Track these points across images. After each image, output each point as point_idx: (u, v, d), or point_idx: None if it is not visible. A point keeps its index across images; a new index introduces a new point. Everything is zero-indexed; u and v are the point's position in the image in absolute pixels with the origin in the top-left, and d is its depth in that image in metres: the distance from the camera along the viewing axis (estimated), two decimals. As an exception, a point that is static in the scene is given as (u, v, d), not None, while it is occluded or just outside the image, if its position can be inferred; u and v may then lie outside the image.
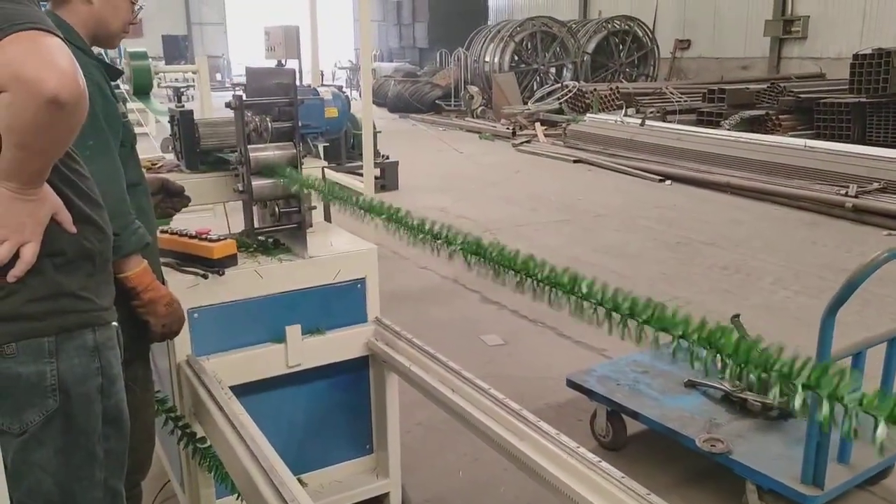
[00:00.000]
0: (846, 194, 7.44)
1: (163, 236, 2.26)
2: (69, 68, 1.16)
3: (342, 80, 23.57)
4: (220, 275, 2.20)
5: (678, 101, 13.14)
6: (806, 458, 2.53)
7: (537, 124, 13.85)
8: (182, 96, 2.81)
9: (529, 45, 17.99)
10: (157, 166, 2.59)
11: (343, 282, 2.43)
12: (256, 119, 2.40)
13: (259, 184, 2.34)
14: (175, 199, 2.25)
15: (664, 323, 1.05)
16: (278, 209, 2.41)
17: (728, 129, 10.75)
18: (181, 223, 2.54)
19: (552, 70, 18.17)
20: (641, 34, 18.80)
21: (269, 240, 2.46)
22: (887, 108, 10.07)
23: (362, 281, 2.47)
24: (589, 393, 3.29)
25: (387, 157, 9.18)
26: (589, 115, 13.03)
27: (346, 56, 28.27)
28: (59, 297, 1.34)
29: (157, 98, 6.71)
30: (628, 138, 10.93)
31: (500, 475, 2.95)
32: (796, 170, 8.37)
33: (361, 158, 4.91)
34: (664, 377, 3.33)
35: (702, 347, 1.02)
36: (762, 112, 11.42)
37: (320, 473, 2.59)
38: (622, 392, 3.23)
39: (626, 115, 12.23)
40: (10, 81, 1.13)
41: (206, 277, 2.18)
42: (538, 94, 15.83)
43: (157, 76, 5.97)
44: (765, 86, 12.42)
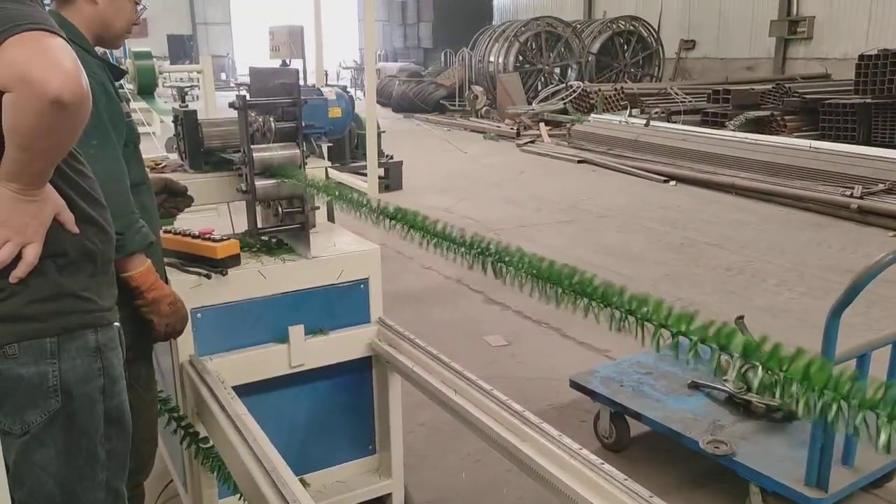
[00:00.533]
0: (851, 195, 7.42)
1: (166, 236, 2.26)
2: (73, 69, 1.16)
3: (346, 80, 23.61)
4: (224, 275, 2.20)
5: (683, 102, 13.12)
6: (810, 461, 2.52)
7: (541, 124, 13.85)
8: (186, 96, 2.81)
9: (534, 46, 17.98)
10: (160, 166, 2.59)
11: (346, 282, 2.43)
12: (260, 119, 2.40)
13: (262, 184, 2.34)
14: (178, 199, 2.25)
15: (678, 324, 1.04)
16: (281, 209, 2.41)
17: (733, 130, 10.73)
18: (185, 223, 2.54)
19: (556, 70, 18.16)
20: (646, 34, 18.78)
21: (273, 240, 2.46)
22: (893, 109, 10.03)
23: (365, 281, 2.47)
24: (592, 394, 3.28)
25: (391, 157, 9.19)
26: (593, 115, 13.01)
27: (350, 56, 28.30)
28: (61, 298, 1.34)
29: (161, 98, 6.72)
30: (633, 139, 10.91)
31: (502, 476, 2.95)
32: (801, 171, 8.34)
33: (365, 158, 4.91)
34: (668, 378, 3.32)
35: (709, 346, 1.02)
36: (767, 113, 11.40)
37: (323, 474, 2.59)
38: (625, 393, 3.22)
39: (630, 115, 12.22)
40: (14, 82, 1.13)
41: (210, 277, 2.18)
42: (542, 95, 15.81)
43: (161, 76, 5.97)
44: (770, 86, 12.39)
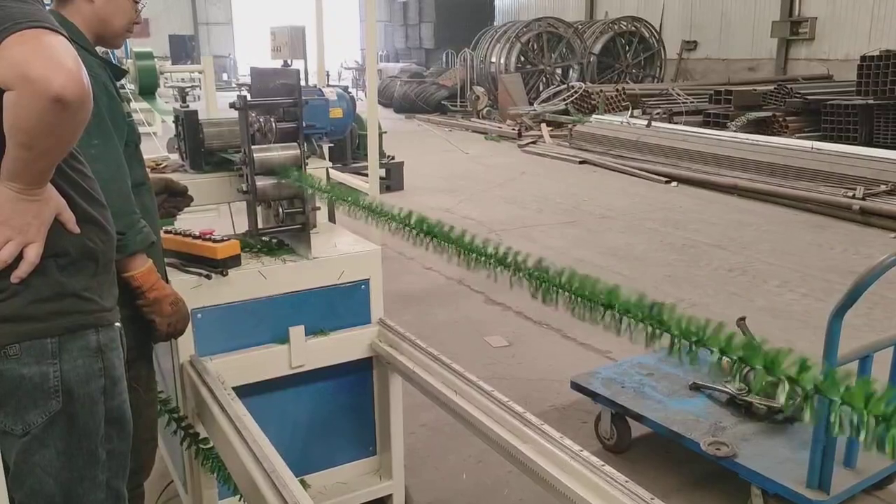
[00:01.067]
0: (853, 196, 7.41)
1: (167, 236, 2.26)
2: (74, 67, 1.16)
3: (348, 81, 23.59)
4: (224, 275, 2.20)
5: (684, 103, 13.10)
6: (812, 463, 2.52)
7: (543, 125, 13.84)
8: (187, 96, 2.81)
9: (535, 46, 17.98)
10: (161, 166, 2.59)
11: (347, 283, 2.42)
12: (261, 119, 2.40)
13: (263, 184, 2.34)
14: (177, 199, 2.25)
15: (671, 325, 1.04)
16: (282, 210, 2.41)
17: (734, 131, 10.71)
18: (185, 223, 2.54)
19: (558, 71, 18.16)
20: (648, 35, 18.77)
21: (273, 240, 2.46)
22: (895, 110, 10.02)
23: (366, 282, 2.46)
24: (593, 395, 3.28)
25: (392, 157, 9.18)
26: (595, 116, 13.00)
27: (352, 56, 28.30)
28: (63, 298, 1.34)
29: (162, 98, 6.72)
30: (634, 139, 10.90)
31: (504, 478, 2.94)
32: (803, 172, 8.33)
33: (366, 159, 4.90)
34: (669, 380, 3.32)
35: (709, 349, 1.02)
36: (769, 113, 11.38)
37: (323, 475, 2.58)
38: (627, 395, 3.21)
39: (632, 116, 12.21)
40: (16, 80, 1.13)
41: (210, 278, 2.18)
42: (544, 95, 15.80)
43: (162, 76, 5.97)
44: (772, 87, 12.38)
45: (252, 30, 29.36)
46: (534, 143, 12.90)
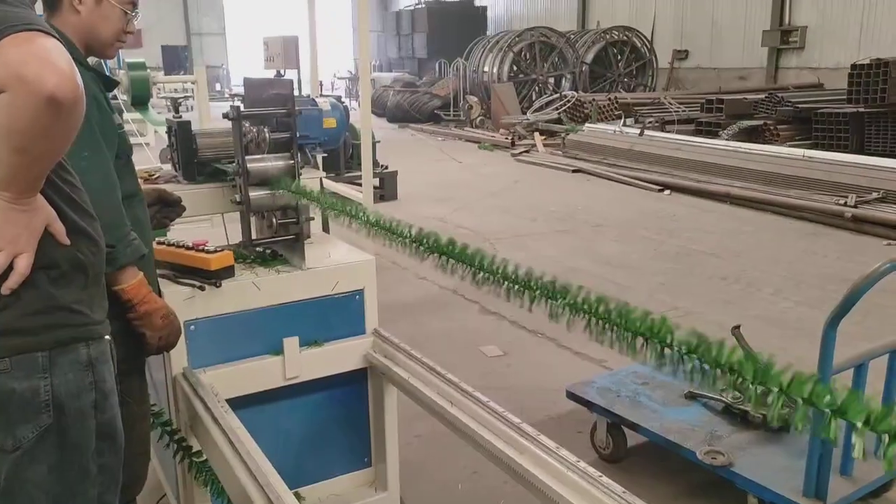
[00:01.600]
0: (845, 204, 7.44)
1: (160, 248, 2.25)
2: (68, 69, 1.17)
3: (341, 91, 23.63)
4: (218, 286, 2.18)
5: (677, 111, 13.17)
6: (808, 471, 2.51)
7: (536, 134, 13.87)
8: (180, 107, 2.80)
9: (528, 56, 18.05)
10: (153, 177, 2.58)
11: (341, 293, 2.41)
12: (254, 130, 2.39)
13: (257, 195, 2.33)
14: (170, 209, 2.24)
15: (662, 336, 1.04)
16: (276, 220, 2.40)
17: (726, 139, 10.76)
18: (179, 234, 2.53)
19: (551, 80, 18.22)
20: (640, 44, 18.87)
21: (267, 251, 2.45)
22: (885, 118, 10.08)
23: (360, 292, 2.45)
24: (589, 405, 3.27)
25: (386, 167, 9.19)
26: (588, 125, 13.04)
27: (345, 66, 28.36)
28: (54, 311, 1.33)
29: (155, 109, 6.71)
30: (627, 148, 10.94)
31: (499, 488, 2.92)
32: (795, 180, 8.37)
33: (360, 168, 4.90)
34: (664, 389, 3.31)
35: (702, 362, 1.02)
36: (760, 122, 11.43)
37: (318, 487, 2.56)
38: (622, 404, 3.20)
39: (624, 124, 12.25)
40: (9, 81, 1.14)
41: (203, 289, 2.16)
42: (537, 105, 15.85)
43: (155, 86, 5.96)
44: (763, 96, 12.44)
45: (245, 40, 29.39)
46: (527, 152, 12.93)
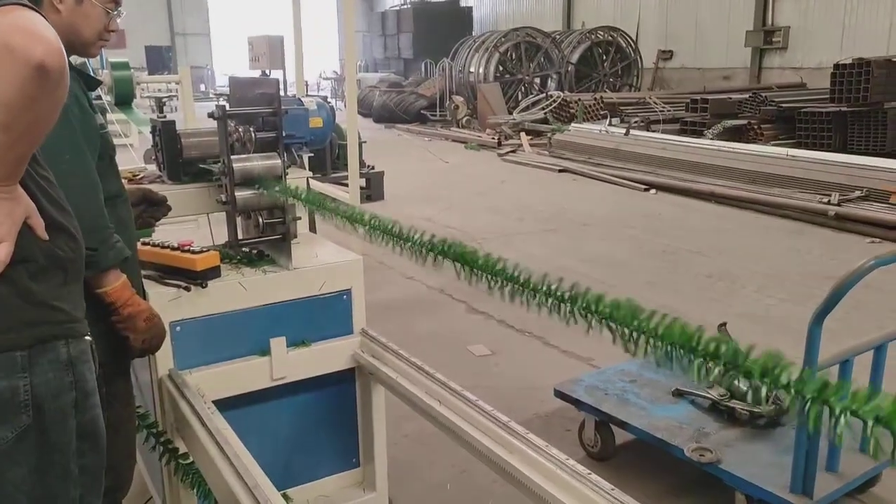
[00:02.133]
0: (829, 202, 7.51)
1: (145, 248, 2.22)
2: (54, 39, 1.17)
3: (327, 91, 23.56)
4: (203, 287, 2.17)
5: (662, 111, 13.24)
6: (795, 467, 2.52)
7: (522, 134, 13.90)
8: (164, 106, 2.77)
9: (514, 56, 18.08)
10: (137, 177, 2.56)
11: (328, 293, 2.40)
12: (240, 129, 2.38)
13: (243, 194, 2.31)
14: (155, 209, 2.22)
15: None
16: (262, 220, 2.38)
17: (711, 139, 10.83)
18: (164, 235, 2.50)
19: (537, 80, 18.27)
20: (625, 45, 18.96)
21: (254, 251, 2.43)
22: (868, 117, 10.19)
23: (348, 292, 2.44)
24: (577, 403, 3.27)
25: (372, 167, 9.17)
26: (574, 124, 13.08)
27: (330, 67, 28.26)
28: (33, 308, 1.31)
29: (139, 109, 6.65)
30: (613, 148, 10.98)
31: (488, 487, 2.92)
32: (779, 179, 8.44)
33: (346, 169, 4.88)
34: (652, 386, 3.32)
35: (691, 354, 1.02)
36: (744, 122, 11.52)
37: (306, 488, 2.55)
38: (610, 402, 3.21)
39: (610, 124, 12.30)
40: None
41: (189, 290, 2.15)
42: (523, 104, 15.89)
43: (139, 86, 5.91)
44: (746, 96, 12.54)
45: (230, 40, 29.23)
46: (513, 151, 12.94)
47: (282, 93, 2.49)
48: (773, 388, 0.93)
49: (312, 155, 2.90)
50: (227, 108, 2.31)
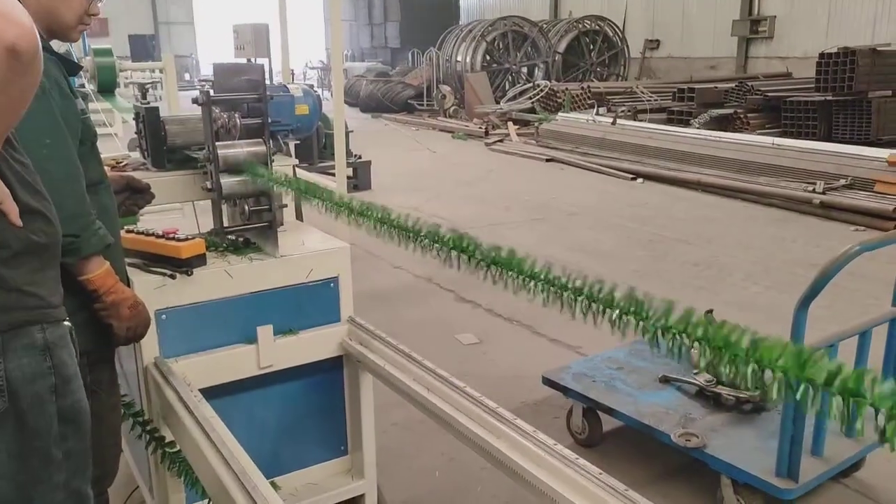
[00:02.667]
0: (814, 191, 7.55)
1: (129, 236, 2.20)
2: (27, 22, 1.14)
3: (313, 80, 23.43)
4: (189, 275, 2.15)
5: (649, 101, 13.26)
6: (780, 451, 2.54)
7: (510, 123, 13.89)
8: (147, 93, 2.73)
9: (501, 45, 18.04)
10: (121, 165, 2.53)
11: (315, 281, 2.39)
12: (225, 115, 2.35)
13: (228, 181, 2.29)
14: (138, 196, 2.19)
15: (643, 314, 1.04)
16: (248, 207, 2.36)
17: (698, 128, 10.87)
18: (149, 223, 2.48)
19: (524, 69, 18.24)
20: (612, 34, 18.96)
21: (240, 239, 2.41)
22: (853, 105, 10.25)
23: (335, 280, 2.43)
24: (564, 390, 3.28)
25: (359, 156, 9.14)
26: (561, 114, 13.08)
27: (316, 56, 28.10)
28: (5, 293, 1.28)
29: (123, 99, 6.59)
30: (600, 137, 10.99)
31: (477, 474, 2.93)
32: (765, 167, 8.48)
33: (333, 158, 4.86)
34: (639, 373, 3.34)
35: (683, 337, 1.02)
36: (731, 111, 11.57)
37: (294, 476, 2.54)
38: (598, 389, 3.22)
39: (597, 114, 12.30)
40: None
41: (174, 278, 2.13)
42: (510, 94, 15.87)
43: (122, 74, 5.85)
44: (733, 85, 12.58)
45: (214, 29, 28.97)
46: (501, 141, 12.93)
47: (267, 82, 2.46)
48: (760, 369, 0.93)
49: (299, 143, 2.88)
50: (212, 94, 2.28)
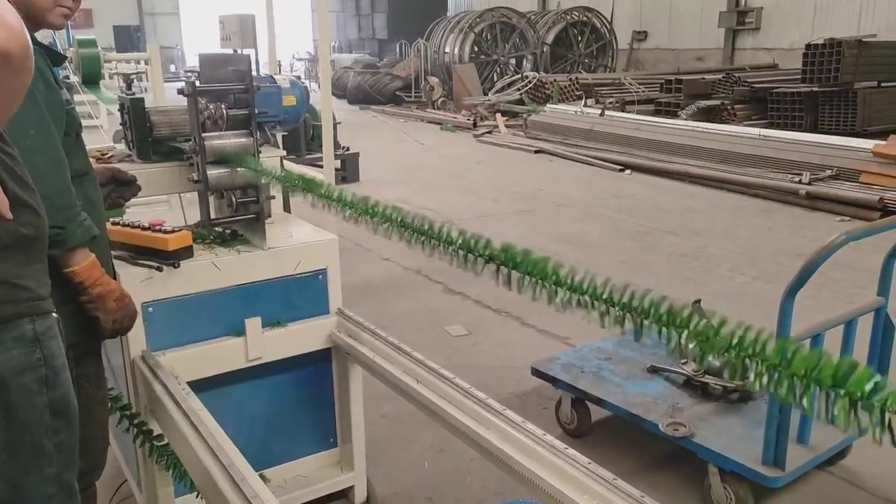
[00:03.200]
0: (800, 182, 7.60)
1: (116, 228, 2.18)
2: (18, 24, 1.12)
3: (300, 72, 23.31)
4: (176, 267, 2.13)
5: (636, 92, 13.29)
6: (767, 440, 2.57)
7: (498, 115, 13.88)
8: (132, 84, 2.70)
9: (489, 36, 18.00)
10: (106, 156, 2.50)
11: (304, 273, 2.38)
12: (211, 106, 2.33)
13: (215, 173, 2.27)
14: (124, 188, 2.17)
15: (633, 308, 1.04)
16: (235, 199, 2.34)
17: (685, 119, 10.90)
18: (135, 215, 2.46)
19: (512, 61, 18.21)
20: (599, 25, 18.96)
21: (227, 231, 2.40)
22: (839, 97, 10.32)
23: (324, 272, 2.42)
24: (553, 381, 3.30)
25: (347, 148, 9.11)
26: (549, 105, 13.09)
27: (304, 47, 27.94)
28: None
29: (109, 89, 6.52)
30: (588, 128, 11.01)
31: (466, 465, 2.94)
32: (751, 158, 8.52)
33: (321, 150, 4.83)
34: (627, 363, 3.35)
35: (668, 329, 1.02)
36: (718, 102, 11.62)
37: (283, 468, 2.54)
38: (586, 379, 3.24)
39: (585, 105, 12.32)
40: None
41: (161, 270, 2.11)
42: (498, 85, 15.85)
43: (107, 64, 5.79)
44: (720, 76, 12.63)
45: (200, 20, 28.72)
46: (489, 132, 12.92)
47: (254, 73, 2.44)
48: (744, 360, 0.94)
49: (286, 134, 2.86)
50: (198, 84, 2.26)
